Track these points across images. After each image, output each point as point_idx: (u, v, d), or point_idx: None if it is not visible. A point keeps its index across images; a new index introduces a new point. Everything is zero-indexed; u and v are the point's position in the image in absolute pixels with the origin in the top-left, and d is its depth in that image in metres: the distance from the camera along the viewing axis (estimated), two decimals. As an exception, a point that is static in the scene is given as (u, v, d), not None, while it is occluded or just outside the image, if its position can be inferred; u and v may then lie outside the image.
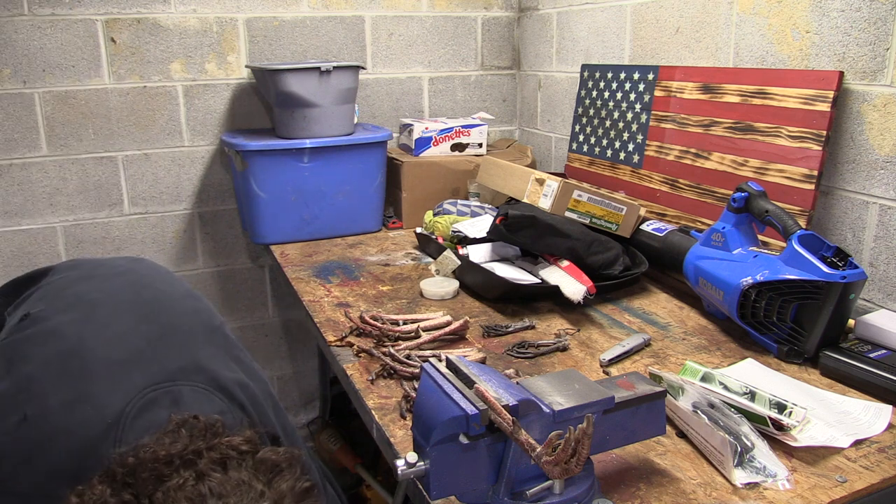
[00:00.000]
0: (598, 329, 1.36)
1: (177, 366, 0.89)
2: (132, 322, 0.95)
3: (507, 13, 2.45)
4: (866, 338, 1.19)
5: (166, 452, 0.72)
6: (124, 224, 2.15)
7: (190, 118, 2.14)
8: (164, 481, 0.69)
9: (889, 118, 1.30)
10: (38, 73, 1.96)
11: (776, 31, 1.51)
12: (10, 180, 2.00)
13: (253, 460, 0.75)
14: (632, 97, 1.89)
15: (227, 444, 0.75)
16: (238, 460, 0.74)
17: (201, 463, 0.72)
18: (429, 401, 0.78)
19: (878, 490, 0.88)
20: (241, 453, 0.75)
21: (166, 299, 1.03)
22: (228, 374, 0.94)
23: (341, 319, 1.40)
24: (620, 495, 0.87)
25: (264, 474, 0.74)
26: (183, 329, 0.97)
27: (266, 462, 0.75)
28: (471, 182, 2.13)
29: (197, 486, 0.69)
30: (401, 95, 2.38)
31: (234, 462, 0.74)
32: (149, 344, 0.91)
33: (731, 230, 1.33)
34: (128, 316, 0.96)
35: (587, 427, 0.72)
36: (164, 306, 1.01)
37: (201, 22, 2.08)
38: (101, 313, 0.96)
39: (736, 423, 0.93)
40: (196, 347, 0.95)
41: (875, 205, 1.35)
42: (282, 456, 0.77)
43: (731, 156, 1.57)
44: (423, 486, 0.77)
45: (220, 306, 2.31)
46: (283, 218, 1.97)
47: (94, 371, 0.86)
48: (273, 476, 0.74)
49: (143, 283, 1.07)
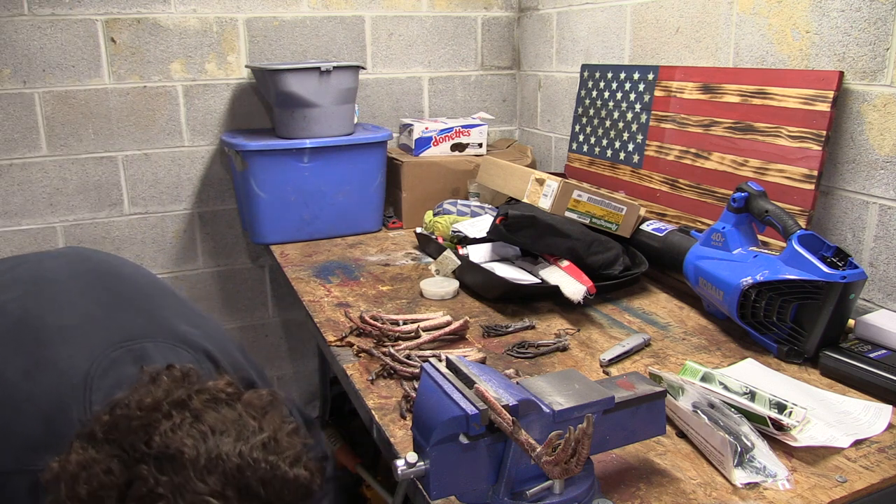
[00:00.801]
0: (598, 329, 1.36)
1: (136, 325, 0.88)
2: (78, 291, 0.93)
3: (507, 13, 2.45)
4: (866, 338, 1.19)
5: (152, 399, 0.70)
6: (124, 224, 2.15)
7: (190, 118, 2.14)
8: (155, 426, 0.67)
9: (889, 118, 1.30)
10: (38, 73, 1.96)
11: (776, 31, 1.51)
12: (10, 180, 2.00)
13: (241, 402, 0.74)
14: (632, 97, 1.89)
15: (213, 388, 0.74)
16: (227, 402, 0.73)
17: (193, 404, 0.71)
18: (429, 401, 0.78)
19: (878, 490, 0.88)
20: (228, 395, 0.74)
21: (110, 267, 1.02)
22: (189, 328, 0.93)
23: (341, 319, 1.40)
24: (620, 495, 0.87)
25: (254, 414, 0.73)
26: (134, 291, 0.96)
27: (253, 403, 0.75)
28: (471, 182, 2.13)
29: (196, 425, 0.68)
30: (401, 95, 2.38)
31: (224, 404, 0.73)
32: (101, 308, 0.90)
33: (731, 230, 1.33)
34: (73, 285, 0.94)
35: (587, 427, 0.72)
36: (110, 273, 1.00)
37: (201, 22, 2.08)
38: (44, 288, 0.94)
39: (736, 423, 0.93)
40: (152, 306, 0.94)
41: (875, 205, 1.35)
42: (266, 398, 0.77)
43: (731, 156, 1.57)
44: (423, 486, 0.77)
45: (220, 306, 2.32)
46: (283, 218, 1.97)
47: (47, 338, 0.85)
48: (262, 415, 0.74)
49: (80, 259, 1.05)
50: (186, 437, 0.66)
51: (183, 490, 0.64)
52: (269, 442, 0.70)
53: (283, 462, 0.69)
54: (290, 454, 0.71)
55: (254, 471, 0.67)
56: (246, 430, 0.70)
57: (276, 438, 0.71)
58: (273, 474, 0.68)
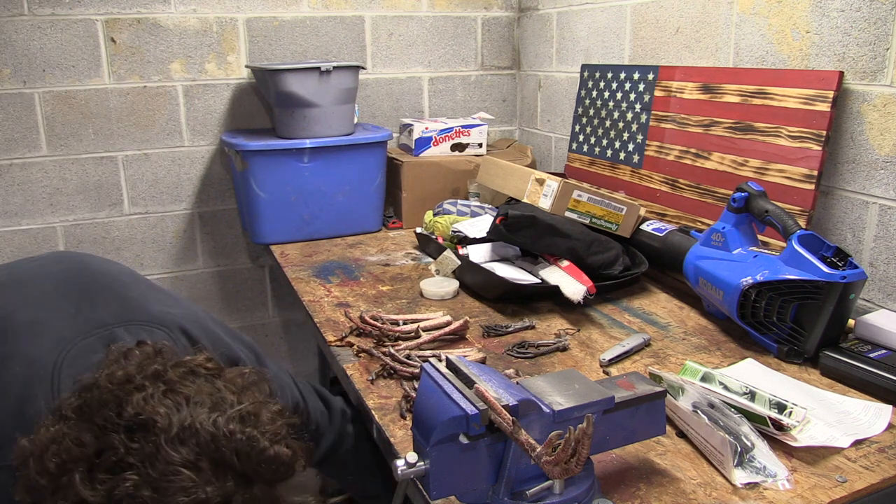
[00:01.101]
0: (598, 329, 1.36)
1: (107, 312, 0.86)
2: (48, 288, 0.92)
3: (507, 13, 2.45)
4: (866, 338, 1.19)
5: (123, 373, 0.68)
6: (124, 224, 2.15)
7: (190, 118, 2.14)
8: (128, 398, 0.65)
9: (889, 118, 1.30)
10: (38, 73, 1.96)
11: (776, 31, 1.51)
12: (10, 180, 2.00)
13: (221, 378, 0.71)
14: (632, 97, 1.89)
15: (190, 362, 0.72)
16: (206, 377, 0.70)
17: (168, 375, 0.68)
18: (429, 401, 0.78)
19: (878, 490, 0.88)
20: (208, 370, 0.72)
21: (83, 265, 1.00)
22: (165, 308, 0.91)
23: (341, 319, 1.40)
24: (620, 495, 0.87)
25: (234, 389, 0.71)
26: (106, 282, 0.94)
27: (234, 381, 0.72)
28: (471, 182, 2.13)
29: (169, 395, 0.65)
30: (401, 95, 2.38)
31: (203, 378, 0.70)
32: (70, 302, 0.88)
33: (731, 230, 1.33)
34: (43, 284, 0.93)
35: (587, 427, 0.72)
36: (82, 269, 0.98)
37: (201, 22, 2.08)
38: (16, 287, 0.93)
39: (736, 423, 0.93)
40: (124, 292, 0.92)
41: (875, 205, 1.35)
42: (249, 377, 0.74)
43: (731, 156, 1.57)
44: (423, 486, 0.77)
45: (220, 306, 2.32)
46: (283, 218, 1.97)
47: (16, 332, 0.83)
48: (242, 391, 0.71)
49: (56, 259, 1.04)
50: (160, 406, 0.64)
51: (154, 459, 0.62)
52: (247, 416, 0.68)
53: (262, 437, 0.67)
54: (270, 429, 0.68)
55: (229, 441, 0.65)
56: (224, 403, 0.68)
57: (255, 413, 0.69)
58: (250, 446, 0.66)
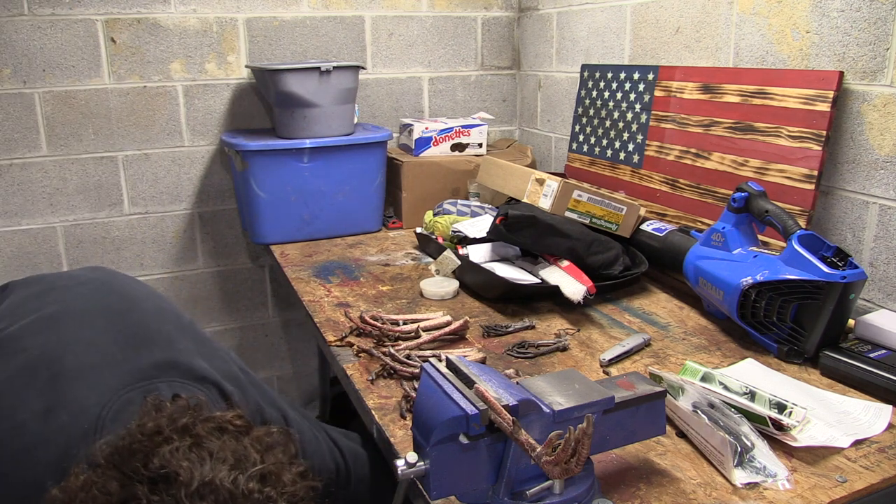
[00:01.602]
0: (598, 329, 1.36)
1: (150, 364, 0.87)
2: (99, 328, 0.92)
3: (507, 13, 2.45)
4: (866, 338, 1.19)
5: (154, 424, 0.69)
6: (124, 224, 2.15)
7: (190, 118, 2.14)
8: (156, 449, 0.66)
9: (889, 118, 1.30)
10: (38, 73, 1.96)
11: (776, 31, 1.51)
12: (10, 180, 2.00)
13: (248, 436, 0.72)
14: (632, 97, 1.89)
15: (220, 418, 0.73)
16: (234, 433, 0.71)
17: (196, 430, 0.69)
18: (429, 401, 0.78)
19: (878, 490, 0.88)
20: (236, 427, 0.73)
21: (131, 303, 1.00)
22: (205, 364, 0.91)
23: (341, 319, 1.40)
24: (620, 495, 0.87)
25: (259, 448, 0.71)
26: (152, 328, 0.95)
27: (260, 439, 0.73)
28: (471, 182, 2.13)
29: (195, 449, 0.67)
30: (401, 95, 2.38)
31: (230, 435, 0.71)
32: (118, 347, 0.89)
33: (731, 230, 1.33)
34: (93, 322, 0.93)
35: (587, 427, 0.72)
36: (130, 309, 0.98)
37: (201, 22, 2.08)
38: (64, 323, 0.93)
39: (736, 423, 0.93)
40: (168, 344, 0.93)
41: (875, 205, 1.35)
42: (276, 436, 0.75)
43: (731, 156, 1.57)
44: (423, 486, 0.77)
45: (220, 306, 2.32)
46: (283, 218, 1.97)
47: (64, 379, 0.83)
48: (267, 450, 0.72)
49: (105, 290, 1.03)
50: (183, 460, 0.65)
51: None
52: (268, 475, 0.68)
53: (280, 498, 0.68)
54: (289, 491, 0.69)
55: (246, 500, 0.65)
56: (246, 461, 0.68)
57: (277, 473, 0.69)
58: None
